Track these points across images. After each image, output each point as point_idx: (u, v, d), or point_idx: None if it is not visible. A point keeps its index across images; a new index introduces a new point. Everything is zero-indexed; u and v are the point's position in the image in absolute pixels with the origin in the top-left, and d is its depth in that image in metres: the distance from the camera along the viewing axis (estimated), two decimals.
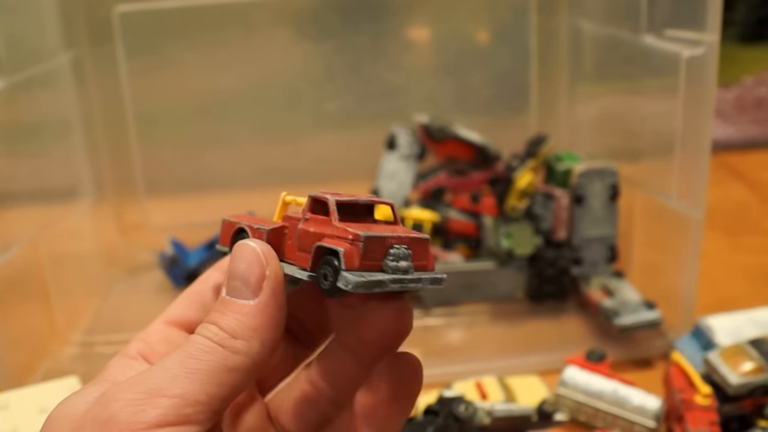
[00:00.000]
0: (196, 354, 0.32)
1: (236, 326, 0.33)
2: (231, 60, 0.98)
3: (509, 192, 0.86)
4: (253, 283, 0.34)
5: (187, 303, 0.40)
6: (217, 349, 0.32)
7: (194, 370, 0.32)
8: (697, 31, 0.68)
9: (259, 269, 0.34)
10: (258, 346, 0.33)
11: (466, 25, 1.02)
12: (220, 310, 0.34)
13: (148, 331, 0.39)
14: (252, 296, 0.34)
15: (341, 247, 0.33)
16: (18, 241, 0.76)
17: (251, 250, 0.35)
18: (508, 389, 0.70)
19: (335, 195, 0.36)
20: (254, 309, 0.34)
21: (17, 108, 0.79)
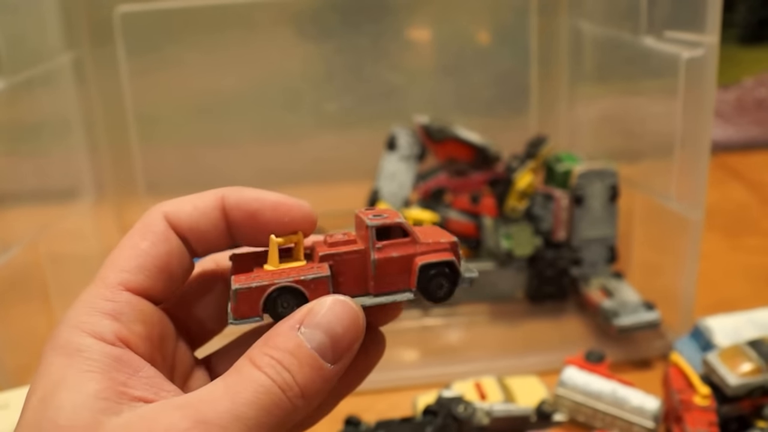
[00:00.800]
0: (265, 401, 0.31)
1: (310, 386, 0.32)
2: (231, 60, 0.98)
3: (509, 193, 0.86)
4: (342, 349, 0.33)
5: (151, 268, 0.35)
6: (287, 405, 0.31)
7: (262, 418, 0.31)
8: (697, 33, 0.68)
9: (355, 340, 0.33)
10: (312, 407, 0.33)
11: (467, 25, 1.02)
12: (298, 358, 0.32)
13: (114, 302, 0.34)
14: (333, 361, 0.33)
15: (449, 258, 0.37)
16: (18, 241, 0.76)
17: (353, 315, 0.34)
18: (507, 389, 0.71)
19: (385, 219, 0.37)
20: (330, 374, 0.33)
21: (18, 108, 0.79)
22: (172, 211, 0.37)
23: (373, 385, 0.77)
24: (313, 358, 0.32)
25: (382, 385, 0.77)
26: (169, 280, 0.36)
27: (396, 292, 0.36)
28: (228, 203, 0.37)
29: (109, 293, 0.34)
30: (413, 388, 0.75)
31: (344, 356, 0.33)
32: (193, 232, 0.37)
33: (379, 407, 0.74)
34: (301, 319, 0.33)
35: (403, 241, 0.37)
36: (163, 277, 0.35)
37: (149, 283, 0.35)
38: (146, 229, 0.36)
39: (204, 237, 0.37)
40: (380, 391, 0.76)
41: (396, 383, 0.77)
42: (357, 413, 0.67)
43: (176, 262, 0.36)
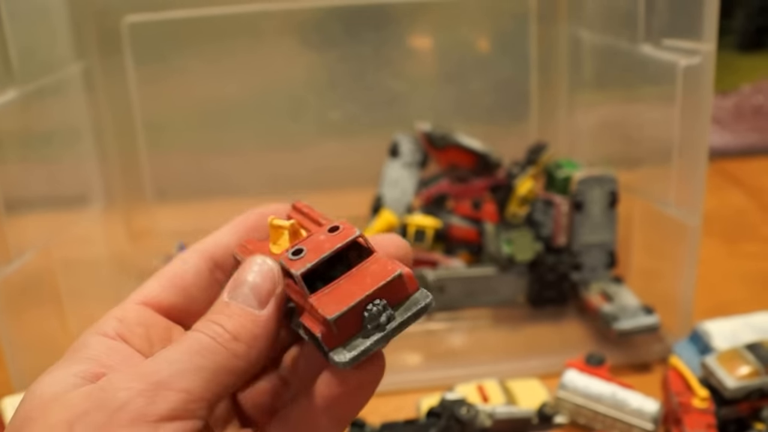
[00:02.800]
0: (202, 352, 0.33)
1: (241, 331, 0.35)
2: (237, 69, 0.99)
3: (510, 199, 0.88)
4: (263, 296, 0.36)
5: (164, 284, 0.39)
6: (221, 350, 0.34)
7: (200, 367, 0.33)
8: (694, 41, 0.69)
9: (272, 286, 0.36)
10: (255, 354, 0.35)
11: (468, 34, 1.03)
12: (226, 313, 0.35)
13: (124, 310, 0.38)
14: (259, 307, 0.36)
15: (318, 333, 0.34)
16: (31, 247, 0.77)
17: (268, 268, 0.37)
18: (509, 392, 0.72)
19: (304, 262, 0.36)
20: (259, 319, 0.35)
21: (30, 116, 0.80)
22: (200, 241, 0.42)
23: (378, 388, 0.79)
24: (240, 308, 0.35)
25: (387, 388, 0.76)
26: (183, 294, 0.39)
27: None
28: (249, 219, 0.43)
29: (123, 304, 0.39)
30: (417, 390, 0.76)
31: (269, 300, 0.36)
32: (220, 250, 0.41)
33: (383, 410, 0.74)
34: (227, 289, 0.37)
35: (296, 288, 0.37)
36: (176, 291, 0.39)
37: (160, 296, 0.39)
38: (177, 259, 0.40)
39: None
40: (385, 393, 0.77)
41: (400, 386, 0.78)
42: (362, 415, 0.68)
43: (191, 279, 0.40)
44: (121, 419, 0.31)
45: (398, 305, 0.35)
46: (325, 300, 0.35)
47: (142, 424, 0.31)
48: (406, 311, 0.35)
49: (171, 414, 0.31)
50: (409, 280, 0.36)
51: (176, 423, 0.31)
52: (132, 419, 0.31)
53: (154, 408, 0.31)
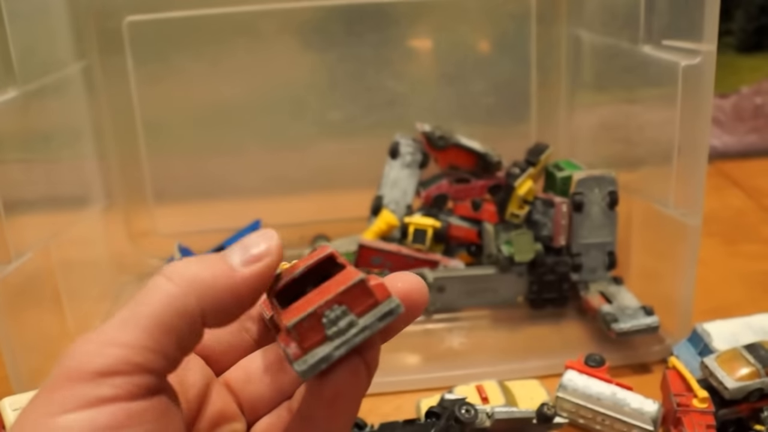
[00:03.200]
0: (157, 301, 0.31)
1: (204, 277, 0.32)
2: (237, 69, 0.99)
3: (510, 199, 0.88)
4: (250, 255, 0.34)
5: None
6: (179, 295, 0.31)
7: (143, 315, 0.31)
8: (694, 42, 0.70)
9: (265, 250, 0.34)
10: (222, 308, 0.32)
11: (468, 34, 1.03)
12: (205, 261, 0.33)
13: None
14: (241, 265, 0.33)
15: (282, 343, 0.34)
16: (31, 247, 0.77)
17: (270, 234, 0.35)
18: (509, 393, 0.72)
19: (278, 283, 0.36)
20: (233, 275, 0.33)
21: (30, 117, 0.80)
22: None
23: (376, 389, 0.79)
24: (219, 257, 0.33)
25: (386, 389, 0.78)
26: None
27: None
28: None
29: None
30: (416, 391, 0.76)
31: (254, 261, 0.33)
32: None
33: (383, 410, 0.75)
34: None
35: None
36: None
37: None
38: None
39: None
40: (384, 394, 0.77)
41: (399, 387, 0.78)
42: (361, 415, 0.68)
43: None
44: (61, 378, 0.30)
45: (365, 313, 0.35)
46: (291, 312, 0.35)
47: (79, 382, 0.29)
48: (371, 318, 0.34)
49: (109, 369, 0.30)
50: (377, 288, 0.35)
51: (118, 378, 0.30)
52: (70, 378, 0.30)
53: (88, 366, 0.30)
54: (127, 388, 0.30)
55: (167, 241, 1.01)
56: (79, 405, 0.29)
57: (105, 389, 0.29)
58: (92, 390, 0.29)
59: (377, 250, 0.89)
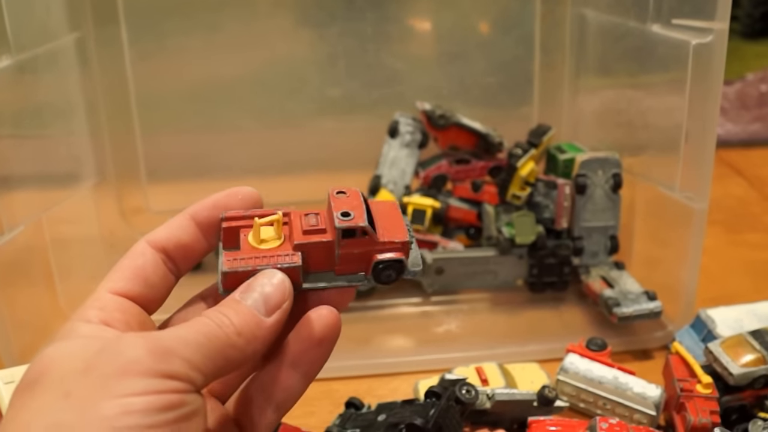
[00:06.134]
0: (207, 333, 0.38)
1: (244, 328, 0.39)
2: (233, 43, 0.98)
3: (511, 180, 0.86)
4: (272, 306, 0.41)
5: (129, 276, 0.43)
6: (223, 337, 0.38)
7: (203, 345, 0.37)
8: (706, 20, 0.68)
9: (282, 299, 0.41)
10: (251, 351, 0.39)
11: (470, 12, 1.01)
12: (235, 310, 0.40)
13: (101, 300, 0.42)
14: (266, 315, 0.40)
15: (400, 257, 0.43)
16: (22, 221, 0.76)
17: (281, 282, 0.41)
18: (509, 375, 0.70)
19: (351, 221, 0.43)
20: (263, 324, 0.40)
21: (23, 89, 0.78)
22: (151, 233, 0.45)
23: (373, 370, 0.78)
24: (248, 309, 0.40)
25: (382, 370, 0.76)
26: (146, 286, 0.43)
27: (352, 277, 0.44)
28: (195, 211, 0.45)
29: (97, 295, 0.42)
30: (413, 373, 0.75)
31: (276, 310, 0.40)
32: (171, 243, 0.44)
33: (379, 391, 0.74)
34: (240, 290, 0.41)
35: (363, 240, 0.43)
36: (139, 282, 0.43)
37: (127, 286, 0.43)
38: (130, 253, 0.44)
39: (182, 246, 0.45)
40: (380, 375, 0.76)
41: (395, 368, 0.77)
42: (358, 396, 0.67)
43: (150, 270, 0.44)
44: (132, 370, 0.35)
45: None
46: (390, 236, 0.44)
47: (151, 377, 0.35)
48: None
49: (174, 374, 0.36)
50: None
51: (176, 383, 0.36)
52: (141, 371, 0.35)
53: (162, 366, 0.35)
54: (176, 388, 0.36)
55: (160, 219, 0.97)
56: (141, 392, 0.35)
57: (163, 384, 0.35)
58: (154, 383, 0.35)
59: None
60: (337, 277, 0.44)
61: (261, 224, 0.43)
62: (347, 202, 0.43)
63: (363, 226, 0.42)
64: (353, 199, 0.44)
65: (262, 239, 0.43)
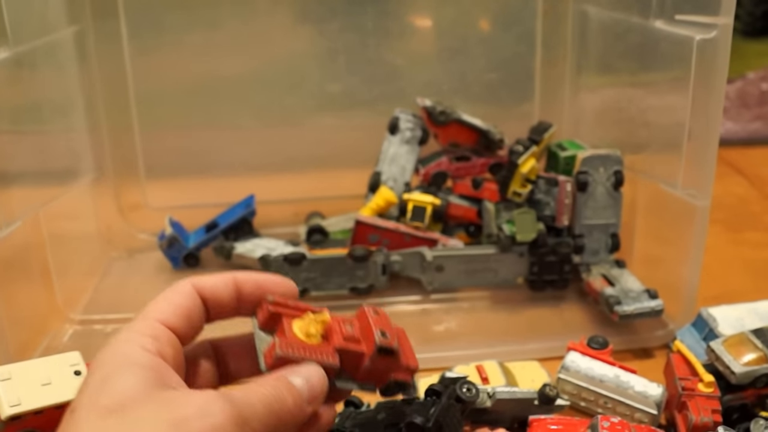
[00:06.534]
0: (270, 407, 0.43)
1: (294, 410, 0.44)
2: (233, 39, 0.97)
3: (512, 177, 0.85)
4: (313, 397, 0.46)
5: (178, 314, 0.47)
6: (280, 413, 0.43)
7: (265, 416, 0.42)
8: (710, 15, 0.67)
9: (322, 393, 0.46)
10: (285, 428, 0.44)
11: (471, 8, 1.00)
12: (290, 392, 0.44)
13: (153, 329, 0.45)
14: (308, 401, 0.45)
15: (410, 380, 0.51)
16: (20, 216, 0.75)
17: (323, 378, 0.46)
18: (509, 374, 0.70)
19: (388, 342, 0.49)
20: (305, 411, 0.45)
21: (21, 82, 0.78)
22: (198, 279, 0.49)
23: None
24: (299, 394, 0.45)
25: None
26: (189, 325, 0.47)
27: (366, 384, 0.50)
28: (240, 278, 0.50)
29: (151, 323, 0.46)
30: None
31: (314, 400, 0.45)
32: (212, 294, 0.48)
33: None
34: (291, 373, 0.45)
35: (390, 360, 0.49)
36: (186, 322, 0.47)
37: (176, 323, 0.46)
38: (177, 289, 0.48)
39: (219, 301, 0.49)
40: None
41: None
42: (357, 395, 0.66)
43: (195, 312, 0.48)
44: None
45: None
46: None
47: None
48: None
49: None
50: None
51: None
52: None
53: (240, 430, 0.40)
54: None
55: (158, 215, 0.99)
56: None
57: None
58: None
59: (374, 227, 0.87)
60: (354, 381, 0.49)
61: (315, 320, 0.48)
62: (380, 322, 0.50)
63: (397, 349, 0.49)
64: (383, 319, 0.51)
65: (309, 333, 0.48)
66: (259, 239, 0.95)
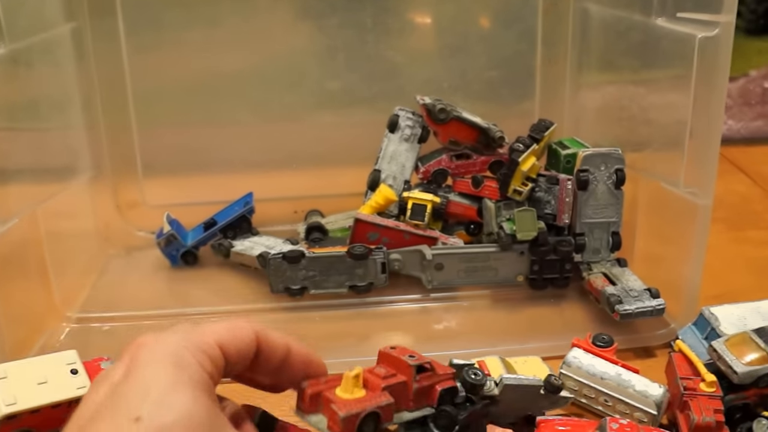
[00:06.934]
0: None
1: None
2: (231, 35, 0.97)
3: (513, 176, 0.85)
4: None
5: (237, 345, 0.46)
6: None
7: None
8: (712, 13, 0.67)
9: None
10: None
11: (471, 5, 1.00)
12: None
13: (211, 348, 0.44)
14: None
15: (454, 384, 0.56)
16: (16, 214, 0.75)
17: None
18: (511, 369, 0.69)
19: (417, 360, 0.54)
20: None
21: (18, 79, 0.77)
22: (261, 329, 0.48)
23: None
24: None
25: None
26: (237, 357, 0.46)
27: (422, 408, 0.54)
28: (293, 348, 0.50)
29: (208, 339, 0.44)
30: None
31: None
32: (267, 350, 0.48)
33: None
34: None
35: (430, 374, 0.54)
36: (238, 354, 0.46)
37: (231, 351, 0.45)
38: (240, 325, 0.47)
39: (269, 360, 0.48)
40: None
41: None
42: None
43: (245, 351, 0.47)
44: None
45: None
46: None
47: None
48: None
49: None
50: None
51: None
52: None
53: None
54: None
55: (156, 213, 0.99)
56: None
57: None
58: None
59: (374, 225, 0.87)
60: (410, 410, 0.53)
61: (351, 376, 0.50)
62: (402, 351, 0.54)
63: (429, 360, 0.54)
64: (403, 349, 0.55)
65: (353, 391, 0.50)
66: (258, 237, 0.95)
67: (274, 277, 0.85)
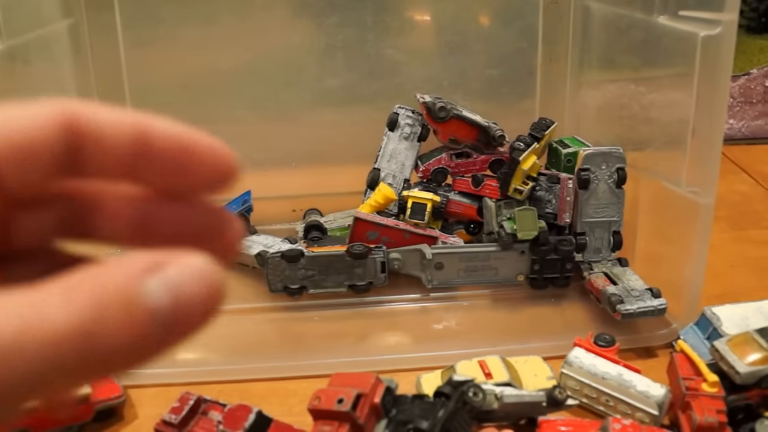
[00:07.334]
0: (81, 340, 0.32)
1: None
2: (229, 32, 0.96)
3: (514, 174, 0.84)
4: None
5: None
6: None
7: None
8: (714, 11, 0.66)
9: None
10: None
11: (472, 2, 1.00)
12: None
13: None
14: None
15: None
16: None
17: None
18: (512, 369, 0.69)
19: None
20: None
21: (14, 75, 0.77)
22: (79, 105, 0.25)
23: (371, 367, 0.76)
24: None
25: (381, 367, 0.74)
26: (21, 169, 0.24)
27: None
28: (149, 124, 0.26)
29: None
30: (413, 370, 0.73)
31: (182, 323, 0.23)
32: (98, 131, 0.25)
33: None
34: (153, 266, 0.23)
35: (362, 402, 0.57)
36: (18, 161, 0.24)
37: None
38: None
39: (107, 146, 0.25)
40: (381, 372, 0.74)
41: (394, 365, 0.75)
42: None
43: (45, 154, 0.24)
44: None
45: None
46: None
47: None
48: None
49: None
50: None
51: None
52: None
53: None
54: None
55: None
56: None
57: None
58: None
59: (373, 223, 0.86)
60: None
61: None
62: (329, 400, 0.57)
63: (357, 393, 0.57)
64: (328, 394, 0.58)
65: None
66: (256, 236, 0.94)
67: (273, 276, 0.85)
